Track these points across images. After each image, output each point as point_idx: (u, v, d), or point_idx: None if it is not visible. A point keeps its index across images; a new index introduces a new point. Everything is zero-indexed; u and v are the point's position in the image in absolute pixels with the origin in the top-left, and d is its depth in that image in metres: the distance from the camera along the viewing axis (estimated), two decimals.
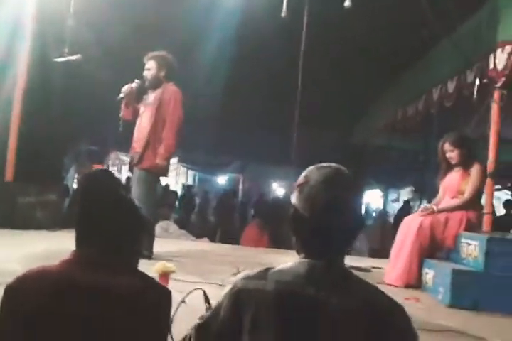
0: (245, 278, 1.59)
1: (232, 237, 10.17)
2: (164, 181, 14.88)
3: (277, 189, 20.56)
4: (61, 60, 6.36)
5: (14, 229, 6.47)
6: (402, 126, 9.57)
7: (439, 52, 7.68)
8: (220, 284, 4.02)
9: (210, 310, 1.68)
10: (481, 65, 5.91)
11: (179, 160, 17.61)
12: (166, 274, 3.65)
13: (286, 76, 7.46)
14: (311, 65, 6.88)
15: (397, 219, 7.01)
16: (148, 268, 2.86)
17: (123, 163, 14.09)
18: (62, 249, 1.72)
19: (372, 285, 1.61)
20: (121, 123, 5.45)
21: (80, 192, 1.72)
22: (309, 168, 1.65)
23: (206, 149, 15.94)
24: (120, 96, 5.47)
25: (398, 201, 19.75)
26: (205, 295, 2.03)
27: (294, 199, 1.63)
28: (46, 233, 6.72)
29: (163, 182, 14.82)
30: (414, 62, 8.88)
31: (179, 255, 5.67)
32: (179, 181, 19.93)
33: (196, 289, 2.12)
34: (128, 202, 1.76)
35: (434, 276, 4.88)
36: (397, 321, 1.54)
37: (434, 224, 5.18)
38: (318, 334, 1.48)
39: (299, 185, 1.62)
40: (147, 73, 5.53)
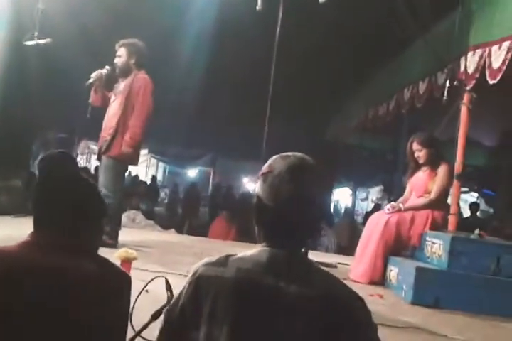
0: (206, 265, 1.58)
1: (200, 230, 10.14)
2: (134, 172, 14.79)
3: (247, 183, 20.58)
4: (31, 43, 6.24)
5: None
6: (373, 126, 9.62)
7: (412, 52, 7.73)
8: (184, 275, 4.00)
9: (174, 297, 1.66)
10: (452, 67, 5.96)
11: (149, 151, 17.51)
12: (128, 260, 3.58)
13: (259, 71, 7.42)
14: (285, 61, 6.86)
15: (367, 219, 7.03)
16: (111, 257, 2.82)
17: (92, 151, 13.94)
18: (24, 235, 1.67)
19: (333, 277, 1.60)
20: (89, 109, 5.38)
21: (38, 172, 1.68)
22: (273, 157, 1.63)
23: (177, 142, 15.88)
24: (89, 81, 5.42)
25: (367, 200, 19.94)
26: (167, 283, 2.00)
27: (257, 188, 1.61)
28: (10, 219, 6.60)
29: (133, 173, 14.73)
30: (387, 62, 8.93)
31: (144, 245, 5.62)
32: (149, 172, 19.84)
33: (158, 277, 2.09)
34: (87, 183, 1.72)
35: (398, 273, 4.92)
36: (357, 313, 1.53)
37: (400, 222, 5.23)
38: (275, 323, 1.47)
39: (262, 174, 1.60)
40: (117, 60, 5.50)
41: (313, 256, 1.65)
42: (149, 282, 2.05)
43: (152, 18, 8.04)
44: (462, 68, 5.59)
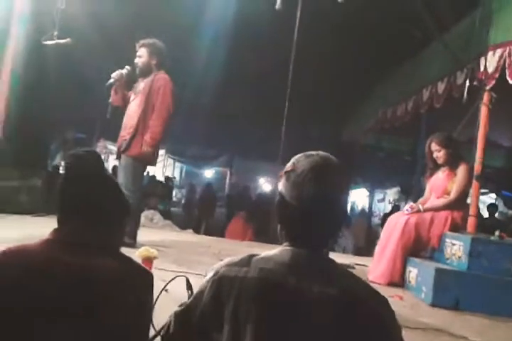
0: (228, 265, 1.57)
1: (217, 230, 10.17)
2: (151, 172, 14.85)
3: (264, 184, 20.58)
4: (50, 43, 6.27)
5: None
6: (391, 126, 9.57)
7: (431, 52, 7.69)
8: (202, 275, 4.00)
9: (192, 297, 1.65)
10: (471, 66, 5.91)
11: (167, 152, 17.56)
12: (149, 259, 3.60)
13: (277, 71, 7.43)
14: (303, 61, 6.85)
15: (385, 220, 6.99)
16: (132, 256, 2.82)
17: (110, 152, 14.00)
18: (43, 235, 1.68)
19: (356, 277, 1.59)
20: (109, 109, 5.39)
21: (65, 171, 1.69)
22: (297, 156, 1.62)
23: (194, 142, 15.91)
24: (110, 81, 5.42)
25: (384, 201, 19.83)
26: (188, 282, 2.00)
27: (280, 186, 1.60)
28: (29, 218, 6.65)
29: (150, 173, 14.79)
30: (406, 62, 8.89)
31: (163, 245, 5.63)
32: (166, 173, 19.91)
33: (179, 276, 2.09)
34: (113, 183, 1.73)
35: (417, 275, 4.89)
36: (381, 313, 1.52)
37: (419, 223, 5.19)
38: (299, 323, 1.46)
39: (286, 172, 1.59)
40: (138, 60, 5.50)
41: (331, 256, 1.64)
42: (170, 281, 2.05)
43: (170, 17, 8.06)
44: (482, 68, 5.53)
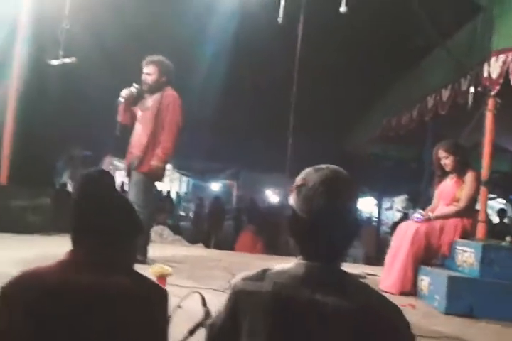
0: (243, 279, 1.59)
1: (226, 244, 10.15)
2: (158, 187, 14.86)
3: (271, 196, 20.56)
4: (56, 62, 6.33)
5: (5, 232, 6.40)
6: (396, 134, 9.56)
7: (434, 60, 7.70)
8: (217, 290, 3.98)
9: (216, 314, 1.66)
10: (475, 73, 5.92)
11: (174, 167, 17.60)
12: (163, 276, 3.61)
13: (281, 83, 7.46)
14: (306, 73, 6.88)
15: (394, 228, 6.98)
16: (145, 273, 2.82)
17: (116, 168, 14.04)
18: (54, 254, 1.69)
19: (370, 288, 1.59)
20: (118, 127, 5.41)
21: (77, 190, 1.70)
22: (307, 170, 1.63)
23: (200, 156, 15.92)
24: (120, 100, 5.43)
25: (392, 209, 19.77)
26: (202, 298, 2.01)
27: (292, 201, 1.61)
28: (38, 237, 6.66)
29: (158, 188, 14.81)
30: (409, 70, 8.90)
31: (174, 260, 5.62)
32: (173, 188, 19.94)
33: (193, 292, 2.09)
34: (125, 202, 1.74)
35: (429, 283, 4.86)
36: (395, 324, 1.52)
37: (429, 231, 5.17)
38: (314, 336, 1.47)
39: (297, 187, 1.60)
40: (147, 78, 5.47)
41: (342, 267, 1.64)
42: (184, 297, 2.06)
43: (173, 33, 8.11)
44: (486, 74, 5.55)
